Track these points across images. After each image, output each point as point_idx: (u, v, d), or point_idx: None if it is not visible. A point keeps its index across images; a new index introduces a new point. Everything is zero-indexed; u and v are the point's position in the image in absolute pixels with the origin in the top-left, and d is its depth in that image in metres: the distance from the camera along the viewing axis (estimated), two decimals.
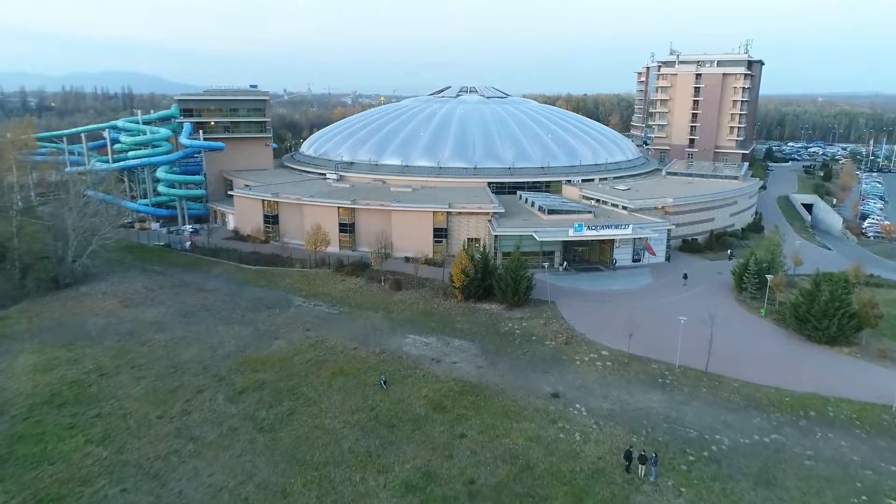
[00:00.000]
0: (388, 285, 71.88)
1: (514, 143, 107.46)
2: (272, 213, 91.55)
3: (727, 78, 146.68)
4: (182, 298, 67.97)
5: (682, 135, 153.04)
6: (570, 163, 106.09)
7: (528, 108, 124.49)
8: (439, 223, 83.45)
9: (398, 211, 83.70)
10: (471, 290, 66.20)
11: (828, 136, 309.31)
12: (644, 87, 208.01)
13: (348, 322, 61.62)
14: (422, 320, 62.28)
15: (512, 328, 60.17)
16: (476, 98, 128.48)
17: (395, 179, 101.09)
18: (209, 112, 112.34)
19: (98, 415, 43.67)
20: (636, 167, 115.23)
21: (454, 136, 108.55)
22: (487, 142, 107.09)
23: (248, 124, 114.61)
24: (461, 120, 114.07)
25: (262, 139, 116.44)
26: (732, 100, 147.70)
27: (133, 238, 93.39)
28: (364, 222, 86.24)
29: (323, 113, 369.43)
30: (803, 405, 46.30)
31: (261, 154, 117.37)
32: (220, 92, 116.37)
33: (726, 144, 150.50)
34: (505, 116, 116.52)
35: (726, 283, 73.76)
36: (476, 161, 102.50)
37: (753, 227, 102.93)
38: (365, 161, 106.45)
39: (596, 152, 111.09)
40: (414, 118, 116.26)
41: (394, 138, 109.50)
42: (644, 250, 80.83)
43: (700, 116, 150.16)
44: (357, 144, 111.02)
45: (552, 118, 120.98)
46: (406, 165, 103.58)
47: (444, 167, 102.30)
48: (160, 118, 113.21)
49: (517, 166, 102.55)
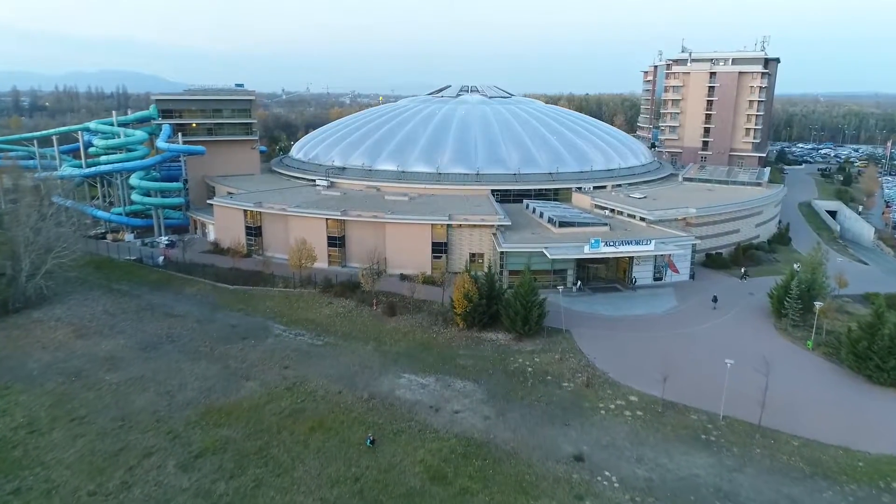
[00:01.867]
0: (381, 309, 63.66)
1: (520, 146, 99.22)
2: (255, 225, 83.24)
3: (743, 77, 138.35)
4: (145, 326, 59.65)
5: (694, 137, 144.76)
6: (581, 168, 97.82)
7: (534, 109, 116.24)
8: (438, 237, 75.21)
9: (393, 223, 75.42)
10: (474, 317, 58.00)
11: (837, 136, 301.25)
12: (651, 86, 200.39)
13: (333, 356, 53.36)
14: (418, 354, 54.04)
15: (523, 365, 51.94)
16: (478, 98, 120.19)
17: (390, 186, 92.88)
18: (190, 113, 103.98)
19: (16, 490, 35.35)
20: (650, 173, 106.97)
21: (454, 139, 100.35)
22: (490, 145, 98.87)
23: (232, 126, 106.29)
24: (462, 122, 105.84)
25: (248, 142, 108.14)
26: (748, 100, 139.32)
27: (103, 251, 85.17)
28: (355, 236, 77.98)
29: (320, 113, 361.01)
30: (881, 472, 38.10)
31: (247, 158, 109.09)
32: (203, 91, 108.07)
33: (742, 147, 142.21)
34: (509, 118, 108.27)
35: (761, 306, 65.57)
36: (478, 166, 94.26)
37: (780, 239, 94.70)
38: (358, 166, 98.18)
39: (608, 157, 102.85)
40: (411, 120, 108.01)
41: (389, 142, 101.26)
42: (666, 267, 72.64)
43: (714, 117, 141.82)
44: (349, 148, 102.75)
45: (560, 119, 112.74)
46: (402, 171, 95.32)
47: (443, 173, 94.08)
48: (137, 119, 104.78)
49: (523, 172, 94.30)
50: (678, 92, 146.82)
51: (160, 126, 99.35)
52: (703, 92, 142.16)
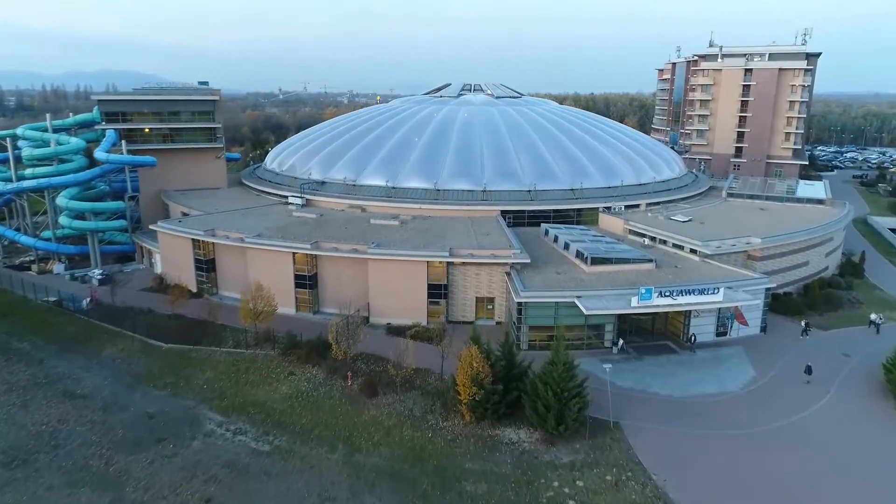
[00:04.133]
0: (358, 385, 47.01)
1: (535, 156, 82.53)
2: (206, 258, 66.58)
3: (783, 74, 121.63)
4: (28, 416, 42.93)
5: (726, 142, 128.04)
6: (608, 183, 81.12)
7: (549, 111, 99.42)
8: (436, 277, 58.54)
9: (378, 260, 58.74)
10: (486, 407, 41.36)
11: (859, 139, 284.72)
12: (669, 85, 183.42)
13: (282, 477, 36.62)
14: (405, 470, 37.32)
15: (560, 493, 35.25)
16: (482, 98, 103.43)
17: (377, 206, 76.24)
18: (141, 116, 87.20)
19: None
20: (688, 187, 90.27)
21: (456, 147, 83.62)
22: (499, 155, 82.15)
23: (192, 132, 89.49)
24: (465, 126, 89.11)
25: (212, 150, 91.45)
26: (789, 100, 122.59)
27: (20, 288, 68.48)
28: (330, 274, 61.36)
29: (314, 113, 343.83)
30: None
31: (211, 169, 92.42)
32: (157, 90, 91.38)
33: (781, 154, 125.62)
34: (520, 121, 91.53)
35: (867, 375, 49.01)
36: (485, 181, 77.57)
37: (851, 270, 77.92)
38: (339, 181, 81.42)
39: (638, 168, 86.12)
40: (404, 124, 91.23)
41: (378, 150, 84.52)
42: (732, 318, 56.01)
43: (749, 121, 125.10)
44: (331, 158, 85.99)
45: (579, 123, 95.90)
46: (393, 187, 78.57)
47: (442, 190, 77.37)
48: (78, 124, 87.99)
49: (539, 188, 77.55)
50: (707, 92, 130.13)
51: (105, 132, 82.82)
52: (736, 92, 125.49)
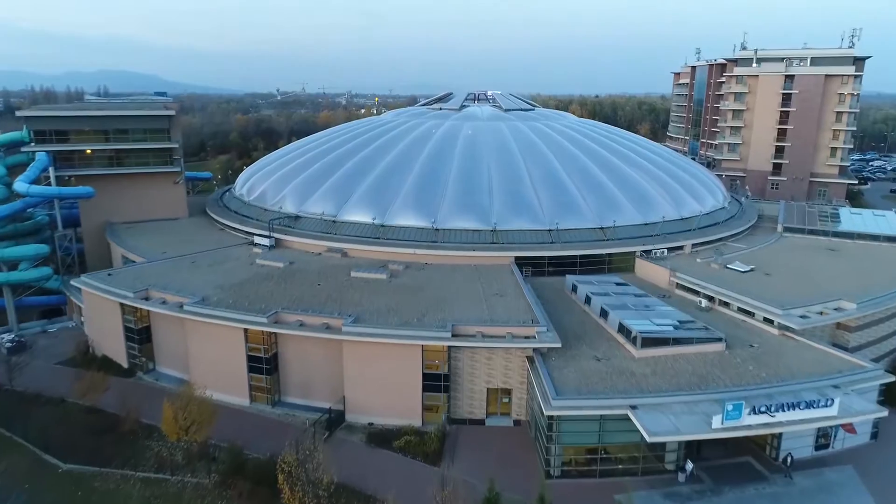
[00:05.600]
0: None
1: (555, 184, 67.76)
2: (140, 325, 51.82)
3: (830, 81, 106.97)
4: None
5: (762, 157, 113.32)
6: (645, 218, 66.32)
7: (566, 126, 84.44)
8: (433, 365, 43.71)
9: (356, 343, 43.87)
10: None
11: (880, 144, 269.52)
12: (688, 91, 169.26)
13: None
14: None
15: None
16: (489, 111, 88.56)
17: (362, 251, 61.54)
18: (82, 136, 72.60)
19: None
20: (734, 219, 75.49)
21: (459, 173, 68.84)
22: (512, 183, 67.38)
23: (144, 153, 74.94)
24: (469, 146, 74.29)
25: (169, 175, 76.88)
26: (836, 111, 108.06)
27: None
28: (295, 355, 46.58)
29: (309, 116, 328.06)
30: None
31: (167, 196, 77.84)
32: (99, 105, 76.83)
33: (826, 171, 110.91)
34: (535, 140, 76.70)
35: None
36: (494, 218, 62.84)
37: None
38: (316, 215, 66.69)
39: (677, 197, 71.38)
40: (397, 143, 76.46)
41: (364, 177, 69.76)
42: (837, 427, 41.25)
43: (790, 133, 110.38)
44: (308, 185, 71.25)
45: (602, 141, 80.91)
46: (381, 225, 63.79)
47: (442, 229, 62.63)
48: (4, 144, 73.17)
49: (562, 227, 62.85)
50: (741, 100, 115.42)
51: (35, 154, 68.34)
52: (775, 100, 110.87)
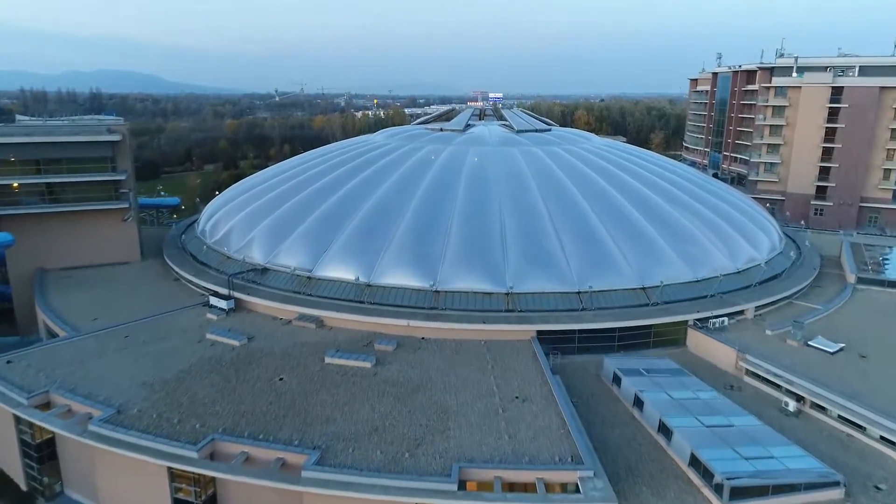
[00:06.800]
0: None
1: (583, 231, 54.78)
2: (41, 439, 38.80)
3: (885, 93, 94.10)
4: None
5: (805, 179, 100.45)
6: (695, 273, 53.28)
7: (592, 153, 71.25)
8: None
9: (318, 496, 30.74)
10: None
11: None
12: (708, 98, 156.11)
13: None
14: None
15: None
16: (499, 133, 75.50)
17: (343, 320, 48.62)
18: (6, 167, 59.90)
19: None
20: (795, 267, 62.57)
21: (464, 216, 55.88)
22: (529, 230, 54.40)
23: (84, 187, 62.23)
24: (477, 181, 61.32)
25: (116, 212, 64.15)
26: (891, 127, 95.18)
27: None
28: (241, 499, 33.55)
29: (305, 121, 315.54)
30: None
31: (115, 237, 65.31)
32: (30, 128, 63.73)
33: (878, 195, 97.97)
34: (556, 171, 63.66)
35: None
36: (509, 277, 49.88)
37: None
38: (288, 269, 53.71)
39: (731, 243, 58.35)
40: (388, 175, 63.40)
41: (346, 220, 56.68)
42: None
43: (838, 153, 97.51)
44: (280, 227, 58.30)
45: (636, 171, 67.62)
46: (367, 285, 50.82)
47: (443, 291, 49.67)
48: None
49: (595, 288, 49.88)
50: (780, 115, 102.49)
51: None
52: (820, 115, 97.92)
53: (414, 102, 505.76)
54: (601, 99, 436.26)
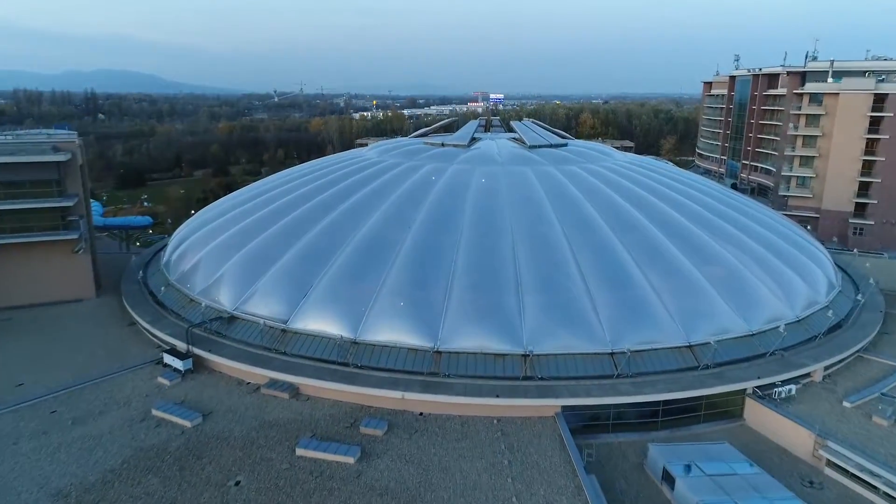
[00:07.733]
0: None
1: (613, 273, 45.59)
2: None
3: None
4: None
5: (842, 196, 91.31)
6: (749, 325, 44.12)
7: (615, 172, 61.78)
8: None
9: None
10: None
11: None
12: (725, 104, 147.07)
13: None
14: None
15: None
16: (508, 149, 66.16)
17: (322, 390, 39.49)
18: None
19: None
20: (857, 310, 53.33)
21: (471, 254, 46.70)
22: (549, 273, 45.20)
23: (24, 215, 53.15)
24: (485, 208, 52.11)
25: (65, 243, 55.07)
26: None
27: None
28: None
29: (301, 123, 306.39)
30: None
31: (64, 272, 56.32)
32: None
33: None
34: (577, 196, 54.37)
35: None
36: (526, 334, 40.76)
37: None
38: (259, 319, 44.54)
39: (787, 284, 49.09)
40: (380, 201, 54.08)
41: (330, 258, 47.54)
42: None
43: (881, 167, 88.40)
44: (253, 264, 49.15)
45: (668, 195, 58.24)
46: (354, 342, 41.69)
47: (446, 352, 40.53)
48: None
49: (631, 347, 40.74)
50: (815, 124, 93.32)
51: None
52: (860, 125, 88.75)
53: (414, 103, 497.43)
54: (604, 100, 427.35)
